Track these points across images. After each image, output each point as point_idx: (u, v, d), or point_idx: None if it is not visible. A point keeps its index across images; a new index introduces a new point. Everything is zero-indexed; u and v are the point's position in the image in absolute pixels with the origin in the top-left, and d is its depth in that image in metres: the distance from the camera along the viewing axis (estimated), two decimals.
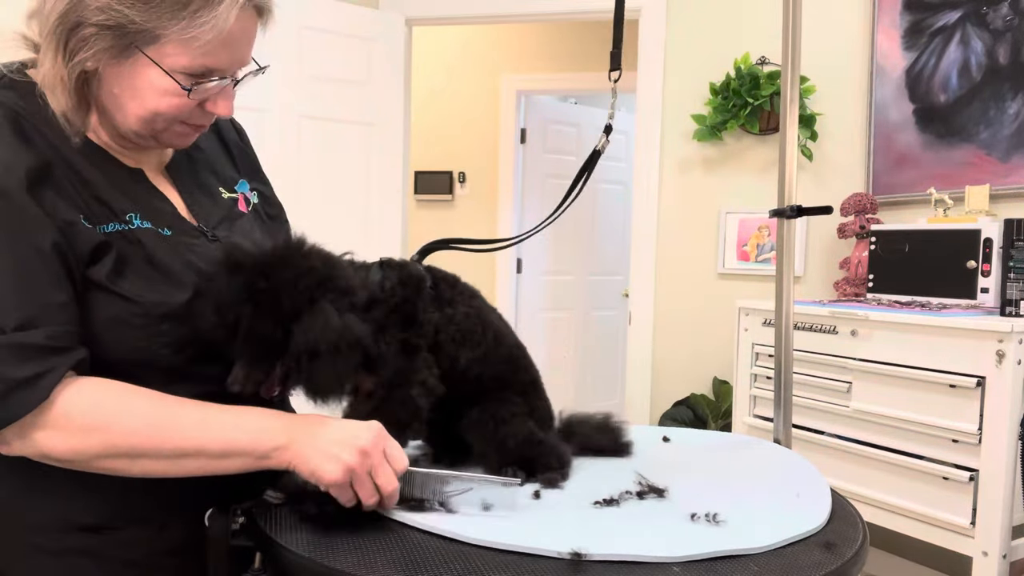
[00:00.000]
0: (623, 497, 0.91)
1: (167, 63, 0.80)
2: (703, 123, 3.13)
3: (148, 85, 0.81)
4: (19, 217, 0.77)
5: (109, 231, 0.84)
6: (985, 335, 1.84)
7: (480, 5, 3.51)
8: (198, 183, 0.97)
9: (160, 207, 0.90)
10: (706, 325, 3.19)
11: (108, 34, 0.78)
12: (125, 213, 0.86)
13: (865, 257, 2.63)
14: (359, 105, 3.23)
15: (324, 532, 0.81)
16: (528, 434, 0.97)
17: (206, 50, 0.80)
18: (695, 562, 0.76)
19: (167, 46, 0.79)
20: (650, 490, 0.92)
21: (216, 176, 1.00)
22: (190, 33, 0.78)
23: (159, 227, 0.88)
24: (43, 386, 0.75)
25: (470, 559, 0.75)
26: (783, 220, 1.37)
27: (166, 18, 0.77)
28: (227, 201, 0.98)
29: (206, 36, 0.79)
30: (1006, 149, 2.44)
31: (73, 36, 0.78)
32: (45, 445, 0.78)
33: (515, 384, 1.01)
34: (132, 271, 0.83)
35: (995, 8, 2.49)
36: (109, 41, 0.78)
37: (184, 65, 0.80)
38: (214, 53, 0.81)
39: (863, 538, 0.86)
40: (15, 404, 0.75)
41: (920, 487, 2.00)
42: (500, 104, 4.72)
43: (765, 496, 0.95)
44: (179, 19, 0.77)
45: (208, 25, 0.78)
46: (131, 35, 0.78)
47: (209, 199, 0.97)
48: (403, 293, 0.92)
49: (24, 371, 0.75)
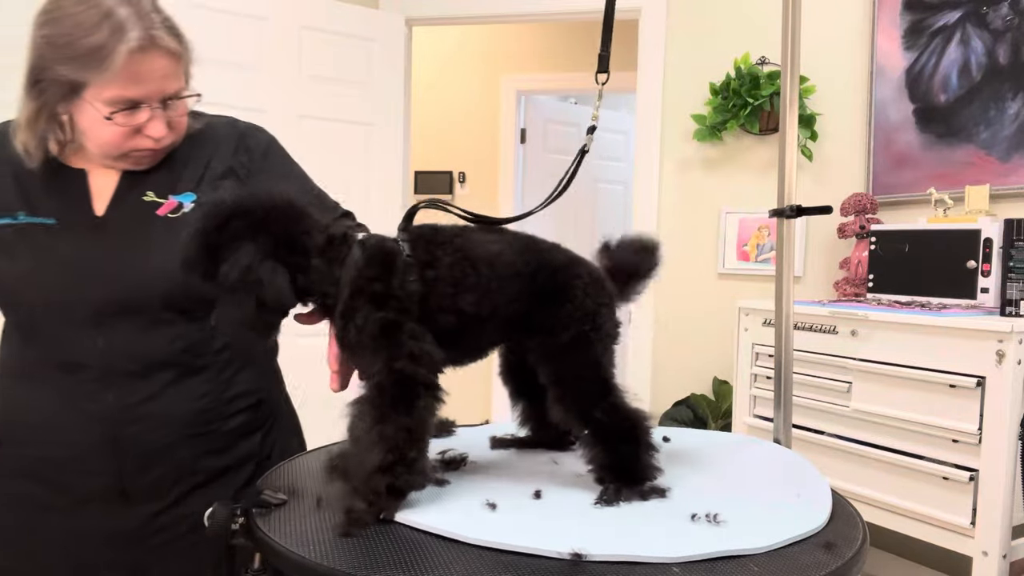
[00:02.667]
0: (623, 496, 0.90)
1: (96, 100, 1.04)
2: (703, 123, 3.13)
3: (93, 119, 1.05)
4: None
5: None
6: (985, 335, 1.84)
7: (480, 5, 3.51)
8: (138, 184, 1.14)
9: (61, 198, 1.12)
10: (706, 325, 3.18)
11: (55, 85, 1.04)
12: (10, 210, 1.10)
13: (865, 257, 2.63)
14: (359, 105, 3.23)
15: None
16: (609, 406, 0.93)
17: (121, 86, 1.03)
18: (695, 562, 0.76)
19: (94, 88, 1.03)
20: (649, 490, 0.92)
21: (163, 182, 1.15)
22: (102, 75, 1.01)
23: (43, 216, 1.10)
24: None
25: (470, 559, 0.75)
26: (783, 220, 1.37)
27: (84, 68, 1.01)
28: (147, 204, 1.14)
29: (113, 76, 1.01)
30: (1006, 149, 2.44)
31: (35, 88, 1.05)
32: None
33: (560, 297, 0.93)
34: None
35: (995, 8, 2.49)
36: (57, 90, 1.04)
37: (108, 99, 1.03)
38: (126, 87, 1.03)
39: (863, 538, 0.86)
40: None
41: (920, 487, 2.00)
42: (500, 104, 4.72)
43: (765, 496, 0.95)
44: (91, 67, 1.01)
45: (110, 69, 1.01)
46: (68, 84, 1.03)
47: (131, 199, 1.14)
48: (370, 273, 0.87)
49: None
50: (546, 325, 0.93)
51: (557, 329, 0.93)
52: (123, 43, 1.00)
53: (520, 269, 0.93)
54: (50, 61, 1.02)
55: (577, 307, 0.94)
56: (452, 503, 0.88)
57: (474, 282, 0.90)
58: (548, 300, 0.93)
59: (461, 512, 0.85)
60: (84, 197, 1.13)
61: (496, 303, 0.91)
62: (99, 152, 1.10)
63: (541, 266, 0.94)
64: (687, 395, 3.14)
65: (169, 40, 1.05)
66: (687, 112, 3.17)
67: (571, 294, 0.94)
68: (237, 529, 0.85)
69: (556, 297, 0.94)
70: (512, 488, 0.93)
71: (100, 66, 1.00)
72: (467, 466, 1.01)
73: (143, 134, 1.08)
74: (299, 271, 0.86)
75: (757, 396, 2.52)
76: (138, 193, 1.14)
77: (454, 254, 0.90)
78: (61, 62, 1.02)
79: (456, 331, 0.90)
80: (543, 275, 0.94)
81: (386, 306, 0.86)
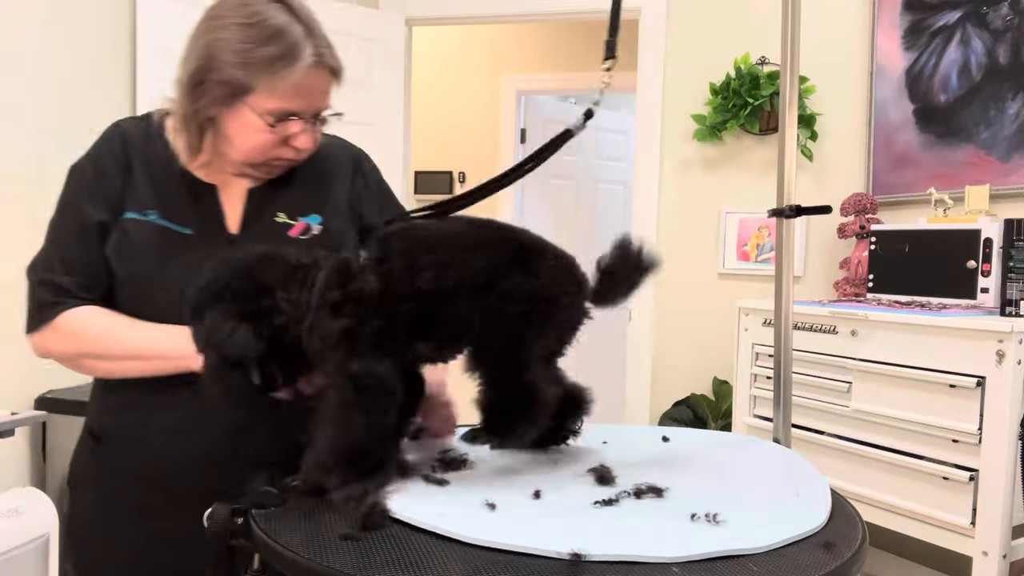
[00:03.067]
0: (622, 496, 0.90)
1: (259, 108, 1.07)
2: (703, 123, 3.13)
3: (246, 125, 1.09)
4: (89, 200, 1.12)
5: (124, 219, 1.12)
6: (985, 335, 1.84)
7: (480, 5, 3.51)
8: (267, 204, 1.18)
9: (198, 212, 1.15)
10: (706, 325, 3.18)
11: (220, 87, 1.07)
12: (144, 209, 1.13)
13: (865, 257, 2.63)
14: (359, 105, 3.22)
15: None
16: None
17: (285, 98, 1.07)
18: (695, 562, 0.76)
19: (259, 95, 1.06)
20: (649, 490, 0.92)
21: (289, 203, 1.20)
22: (273, 85, 1.06)
23: (180, 225, 1.13)
24: (55, 311, 1.11)
25: (470, 559, 0.75)
26: (783, 220, 1.37)
27: (258, 75, 1.05)
28: (278, 225, 1.18)
29: (284, 87, 1.06)
30: (1006, 149, 2.44)
31: (197, 89, 1.08)
32: (49, 347, 1.13)
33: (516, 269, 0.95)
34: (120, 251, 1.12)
35: (995, 8, 2.49)
36: (220, 92, 1.07)
37: (270, 109, 1.07)
38: (290, 101, 1.08)
39: (863, 538, 0.86)
40: (38, 318, 1.13)
41: (920, 487, 2.00)
42: (500, 104, 4.72)
43: (765, 496, 0.95)
44: (266, 75, 1.05)
45: (286, 80, 1.06)
46: (235, 87, 1.06)
47: (262, 219, 1.18)
48: (329, 283, 0.91)
49: (50, 298, 1.12)
50: (503, 292, 0.93)
51: (511, 299, 0.93)
52: (300, 59, 1.06)
53: (481, 241, 0.96)
54: (222, 64, 1.05)
55: (536, 285, 0.94)
56: (452, 503, 0.88)
57: (429, 261, 0.92)
58: (510, 269, 0.94)
59: (461, 512, 0.85)
60: (218, 212, 1.16)
61: (460, 275, 0.92)
62: (240, 158, 1.12)
63: (505, 239, 0.97)
64: (687, 395, 3.14)
65: (334, 60, 1.11)
66: (687, 112, 3.17)
67: (533, 269, 0.95)
68: (236, 529, 0.85)
69: (518, 268, 0.94)
70: (511, 488, 0.93)
71: (274, 76, 1.05)
72: (467, 466, 1.01)
73: (289, 145, 1.12)
74: (270, 314, 0.91)
75: (757, 396, 2.51)
76: (269, 213, 1.18)
77: (406, 241, 0.94)
78: (235, 67, 1.05)
79: (425, 316, 0.92)
80: (508, 247, 0.96)
81: (342, 313, 0.89)
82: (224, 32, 1.06)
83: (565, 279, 0.97)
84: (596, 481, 0.96)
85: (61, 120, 2.41)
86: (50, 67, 2.37)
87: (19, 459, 2.31)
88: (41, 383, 2.35)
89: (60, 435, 2.32)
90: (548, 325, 0.96)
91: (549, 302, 0.95)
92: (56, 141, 2.40)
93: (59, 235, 1.14)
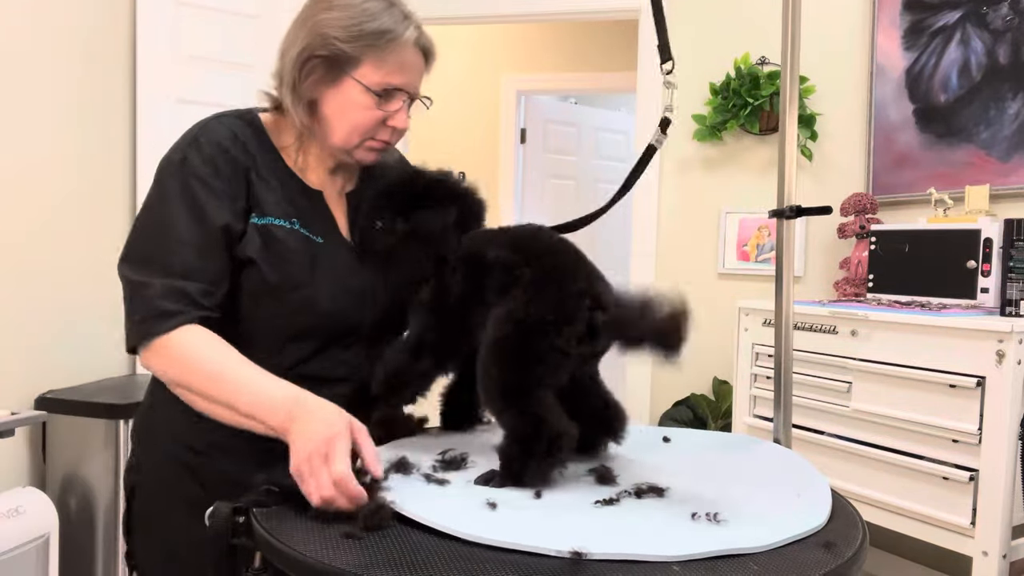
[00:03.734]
0: (622, 496, 0.90)
1: (366, 79, 1.11)
2: (703, 123, 3.13)
3: (350, 100, 1.11)
4: (215, 202, 1.07)
5: (262, 223, 1.11)
6: (985, 335, 1.84)
7: (480, 5, 3.51)
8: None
9: (320, 220, 1.17)
10: (706, 325, 3.16)
11: (326, 64, 1.10)
12: (287, 216, 1.13)
13: (865, 257, 2.63)
14: None
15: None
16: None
17: (389, 71, 1.11)
18: (695, 562, 0.76)
19: (364, 68, 1.10)
20: (649, 490, 0.92)
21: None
22: (382, 58, 1.10)
23: (313, 234, 1.14)
24: (174, 323, 1.02)
25: (470, 559, 0.75)
26: (783, 220, 1.37)
27: (365, 47, 1.09)
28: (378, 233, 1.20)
29: (390, 60, 1.11)
30: (1006, 149, 2.45)
31: (305, 67, 1.10)
32: (151, 365, 1.05)
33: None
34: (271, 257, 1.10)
35: (995, 8, 2.49)
36: (326, 69, 1.10)
37: (375, 83, 1.11)
38: (394, 75, 1.12)
39: (863, 538, 0.86)
40: (155, 326, 1.02)
41: (920, 487, 2.00)
42: (500, 104, 4.72)
43: (765, 496, 0.95)
44: (374, 47, 1.10)
45: (393, 53, 1.10)
46: (341, 63, 1.10)
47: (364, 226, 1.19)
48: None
49: (170, 307, 1.02)
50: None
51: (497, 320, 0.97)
52: (406, 34, 1.11)
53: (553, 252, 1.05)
54: (332, 39, 1.08)
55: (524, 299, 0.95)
56: (453, 502, 0.88)
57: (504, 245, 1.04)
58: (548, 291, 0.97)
59: (462, 510, 0.85)
60: (332, 219, 1.19)
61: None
62: (341, 140, 1.14)
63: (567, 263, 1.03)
64: (687, 395, 3.14)
65: (430, 43, 1.16)
66: (687, 112, 3.17)
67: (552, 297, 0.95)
68: (238, 527, 0.85)
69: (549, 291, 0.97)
70: (512, 488, 0.93)
71: (385, 47, 1.09)
72: (468, 466, 1.01)
73: (387, 125, 1.15)
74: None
75: (757, 396, 2.52)
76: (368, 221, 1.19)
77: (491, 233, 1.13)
78: (344, 41, 1.08)
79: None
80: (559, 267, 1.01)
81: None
82: (330, 12, 1.10)
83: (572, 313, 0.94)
84: (597, 481, 0.96)
85: (61, 120, 2.41)
86: (50, 67, 2.37)
87: (19, 459, 2.31)
88: (41, 383, 2.35)
89: (60, 435, 2.32)
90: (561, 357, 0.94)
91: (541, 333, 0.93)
92: (56, 142, 2.40)
93: (171, 236, 1.05)
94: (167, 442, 1.15)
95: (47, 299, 2.33)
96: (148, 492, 1.17)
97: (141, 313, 1.03)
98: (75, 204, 2.46)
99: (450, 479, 0.96)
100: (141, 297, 1.03)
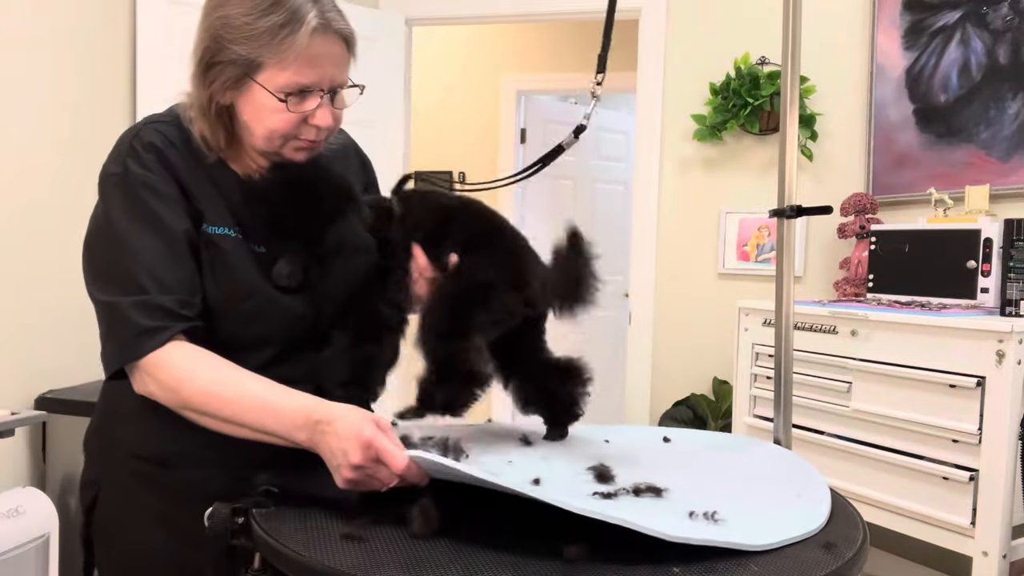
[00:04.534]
0: (621, 493, 0.90)
1: (270, 84, 1.01)
2: (703, 123, 3.13)
3: (261, 106, 1.03)
4: (169, 208, 1.02)
5: (211, 233, 1.05)
6: (985, 335, 1.84)
7: (480, 5, 3.51)
8: None
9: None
10: (706, 325, 3.18)
11: (229, 68, 1.01)
12: (229, 224, 1.07)
13: (865, 257, 2.63)
14: (359, 105, 3.22)
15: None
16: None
17: (297, 70, 1.01)
18: (695, 562, 0.76)
19: (267, 71, 1.01)
20: (648, 489, 0.92)
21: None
22: (281, 56, 1.00)
23: (255, 243, 1.08)
24: (159, 339, 0.97)
25: (470, 559, 0.75)
26: (783, 220, 1.37)
27: (263, 47, 1.00)
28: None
29: (293, 57, 1.00)
30: (1006, 149, 2.44)
31: (209, 72, 1.03)
32: (146, 387, 0.99)
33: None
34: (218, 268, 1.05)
35: (995, 8, 2.49)
36: (230, 73, 1.02)
37: (281, 84, 1.01)
38: (303, 73, 1.01)
39: (863, 538, 0.86)
40: (138, 346, 0.97)
41: (920, 487, 2.00)
42: (500, 104, 4.72)
43: (765, 496, 0.95)
44: (272, 46, 0.99)
45: (294, 49, 0.99)
46: (243, 66, 1.01)
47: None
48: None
49: (152, 323, 0.97)
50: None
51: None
52: (303, 24, 0.99)
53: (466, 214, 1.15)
54: (227, 42, 1.00)
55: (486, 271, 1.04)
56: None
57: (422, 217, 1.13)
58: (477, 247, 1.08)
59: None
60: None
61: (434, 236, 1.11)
62: (262, 144, 1.06)
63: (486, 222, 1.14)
64: (687, 395, 3.14)
65: (342, 24, 1.04)
66: (687, 112, 3.17)
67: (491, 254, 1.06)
68: (237, 528, 0.85)
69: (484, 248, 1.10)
70: (510, 480, 0.92)
71: (280, 45, 0.99)
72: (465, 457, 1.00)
73: (309, 123, 1.05)
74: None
75: (757, 396, 2.52)
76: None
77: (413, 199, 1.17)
78: (239, 42, 0.99)
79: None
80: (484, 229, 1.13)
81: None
82: (223, 9, 1.01)
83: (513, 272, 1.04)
84: (595, 479, 0.96)
85: (61, 120, 2.41)
86: (50, 67, 2.37)
87: (19, 459, 2.31)
88: (41, 383, 2.35)
89: (60, 435, 2.32)
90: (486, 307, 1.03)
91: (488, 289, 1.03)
92: (55, 143, 2.40)
93: (131, 251, 0.99)
94: (126, 456, 1.10)
95: (47, 299, 2.33)
96: (110, 507, 1.12)
97: (120, 335, 0.97)
98: (76, 204, 2.46)
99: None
100: (116, 319, 0.98)
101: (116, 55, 2.62)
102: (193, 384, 0.97)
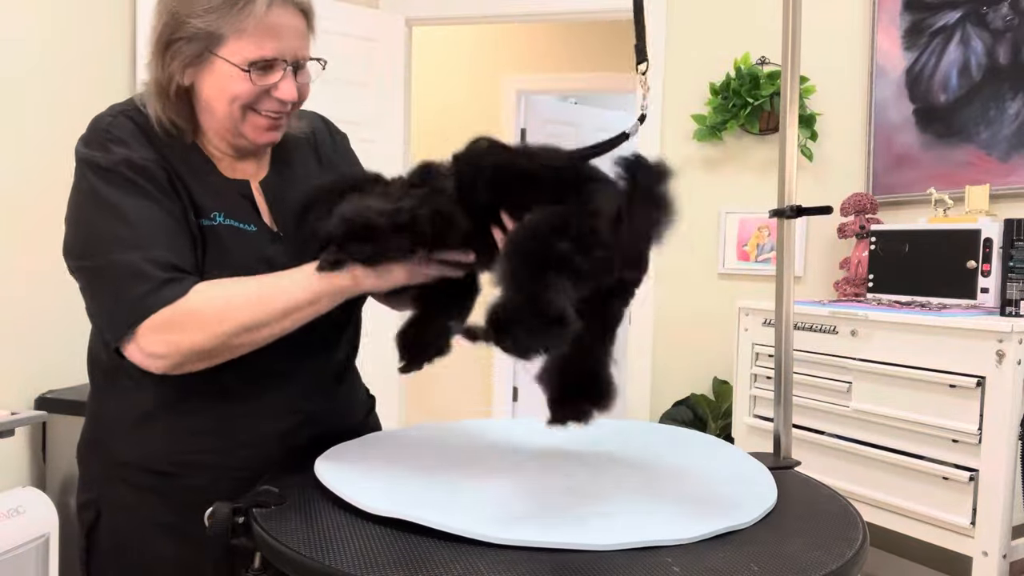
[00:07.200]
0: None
1: (233, 58, 1.01)
2: (703, 123, 3.13)
3: (222, 78, 1.02)
4: (163, 190, 1.01)
5: (203, 224, 1.04)
6: (985, 335, 1.84)
7: (480, 5, 3.51)
8: (282, 195, 1.14)
9: (248, 210, 1.10)
10: (706, 325, 3.18)
11: (188, 45, 1.01)
12: (211, 211, 1.05)
13: (865, 257, 2.63)
14: (359, 105, 3.23)
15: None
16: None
17: (255, 41, 1.01)
18: (695, 563, 0.76)
19: (228, 44, 1.00)
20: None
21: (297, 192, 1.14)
22: (241, 28, 0.99)
23: (244, 224, 1.08)
24: (184, 285, 0.96)
25: (470, 559, 0.75)
26: (783, 220, 1.37)
27: (222, 19, 0.99)
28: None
29: (252, 29, 1.00)
30: (1006, 149, 2.45)
31: (168, 51, 1.02)
32: (189, 342, 0.96)
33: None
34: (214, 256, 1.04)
35: (995, 8, 2.49)
36: (190, 50, 1.01)
37: (244, 59, 1.01)
38: (263, 43, 1.01)
39: (863, 538, 0.86)
40: (164, 296, 0.95)
41: (920, 487, 2.00)
42: (500, 104, 4.72)
43: (703, 486, 0.96)
44: (231, 18, 0.99)
45: (253, 20, 0.99)
46: (202, 41, 1.00)
47: (285, 212, 1.13)
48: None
49: (169, 275, 0.96)
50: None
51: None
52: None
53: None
54: (184, 17, 0.99)
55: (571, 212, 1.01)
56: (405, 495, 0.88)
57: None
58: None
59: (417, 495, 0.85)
60: (256, 208, 1.12)
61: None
62: (223, 117, 1.04)
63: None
64: (687, 395, 3.14)
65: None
66: (687, 112, 3.17)
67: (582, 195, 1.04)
68: (237, 528, 0.85)
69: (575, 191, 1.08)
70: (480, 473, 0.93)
71: (238, 16, 0.99)
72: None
73: (272, 95, 1.05)
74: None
75: (757, 396, 2.52)
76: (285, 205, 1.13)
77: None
78: (196, 15, 0.99)
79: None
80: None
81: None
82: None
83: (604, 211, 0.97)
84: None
85: (61, 120, 2.41)
86: (50, 67, 2.37)
87: (19, 459, 2.31)
88: (41, 383, 2.35)
89: (60, 435, 2.32)
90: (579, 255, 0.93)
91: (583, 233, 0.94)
92: (55, 143, 2.40)
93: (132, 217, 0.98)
94: (126, 471, 1.09)
95: (47, 299, 2.33)
96: (114, 525, 1.11)
97: (131, 291, 0.95)
98: None
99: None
100: (124, 275, 0.95)
101: (116, 55, 2.62)
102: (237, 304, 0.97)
